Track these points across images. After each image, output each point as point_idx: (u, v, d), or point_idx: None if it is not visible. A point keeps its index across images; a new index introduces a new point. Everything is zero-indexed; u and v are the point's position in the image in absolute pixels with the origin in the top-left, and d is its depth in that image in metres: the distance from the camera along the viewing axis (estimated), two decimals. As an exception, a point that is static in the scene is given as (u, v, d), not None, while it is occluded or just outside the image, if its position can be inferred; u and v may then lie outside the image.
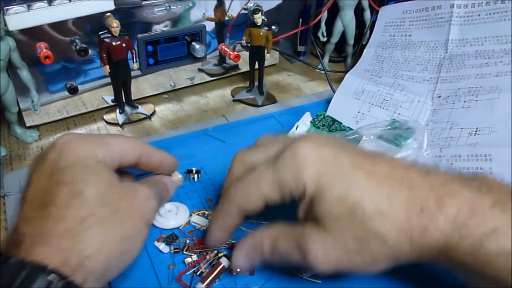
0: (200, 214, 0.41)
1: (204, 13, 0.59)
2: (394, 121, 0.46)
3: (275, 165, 0.30)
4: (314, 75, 0.68)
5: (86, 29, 0.51)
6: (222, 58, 0.64)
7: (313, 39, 0.67)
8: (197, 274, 0.35)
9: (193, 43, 0.58)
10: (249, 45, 0.58)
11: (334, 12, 0.64)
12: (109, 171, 0.31)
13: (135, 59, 0.53)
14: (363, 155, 0.31)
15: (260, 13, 0.55)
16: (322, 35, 0.67)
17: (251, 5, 0.59)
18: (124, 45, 0.50)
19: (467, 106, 0.48)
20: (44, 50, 0.48)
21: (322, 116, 0.52)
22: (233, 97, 0.62)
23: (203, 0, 0.58)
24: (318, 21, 0.65)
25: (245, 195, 0.31)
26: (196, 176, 0.45)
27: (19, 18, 0.46)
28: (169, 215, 0.39)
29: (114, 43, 0.49)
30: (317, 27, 0.67)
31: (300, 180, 0.29)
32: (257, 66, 0.60)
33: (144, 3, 0.53)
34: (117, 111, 0.56)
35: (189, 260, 0.36)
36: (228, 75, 0.66)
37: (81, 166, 0.29)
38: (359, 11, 0.65)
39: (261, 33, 0.56)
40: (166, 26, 0.57)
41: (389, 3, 0.63)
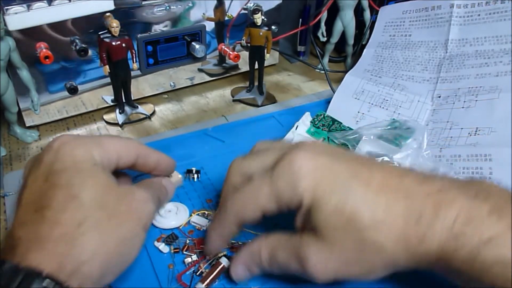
0: (200, 214, 0.41)
1: (204, 13, 0.59)
2: (394, 121, 0.46)
3: (272, 176, 0.30)
4: (314, 75, 0.68)
5: (86, 29, 0.51)
6: (222, 58, 0.64)
7: (313, 39, 0.67)
8: (197, 274, 0.35)
9: (193, 43, 0.58)
10: (249, 45, 0.58)
11: (334, 12, 0.64)
12: (106, 173, 0.30)
13: (135, 59, 0.53)
14: (359, 163, 0.30)
15: (260, 13, 0.55)
16: (322, 35, 0.67)
17: (251, 5, 0.59)
18: (124, 45, 0.50)
19: (467, 106, 0.48)
20: (44, 50, 0.48)
21: (322, 116, 0.52)
22: (233, 97, 0.62)
23: (203, 0, 0.58)
24: (318, 21, 0.65)
25: (242, 206, 0.31)
26: (196, 176, 0.45)
27: (19, 18, 0.46)
28: (169, 215, 0.39)
29: (114, 43, 0.49)
30: (317, 27, 0.67)
31: (296, 191, 0.29)
32: (257, 66, 0.60)
33: (144, 3, 0.53)
34: (117, 111, 0.56)
35: (189, 260, 0.36)
36: (228, 75, 0.66)
37: (77, 169, 0.29)
38: (359, 11, 0.65)
39: (261, 33, 0.56)
40: (166, 26, 0.57)
41: (389, 3, 0.63)
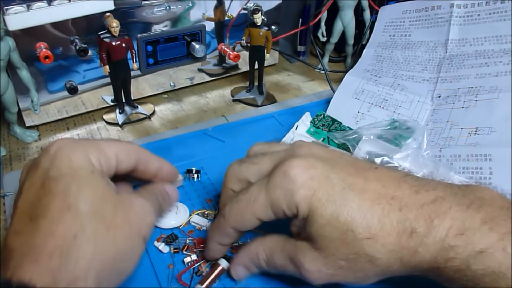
0: (200, 214, 0.41)
1: (203, 13, 0.59)
2: (393, 121, 0.46)
3: (267, 186, 0.30)
4: (314, 75, 0.68)
5: (86, 29, 0.51)
6: (221, 58, 0.64)
7: (312, 39, 0.67)
8: (197, 274, 0.35)
9: (192, 43, 0.58)
10: (248, 45, 0.58)
11: (334, 12, 0.64)
12: (104, 181, 0.29)
13: (134, 59, 0.53)
14: (354, 171, 0.30)
15: (260, 13, 0.55)
16: (322, 35, 0.67)
17: (250, 5, 0.59)
18: (124, 45, 0.50)
19: (467, 106, 0.48)
20: (44, 50, 0.48)
21: (322, 116, 0.52)
22: (233, 97, 0.62)
23: (203, 0, 0.58)
24: (318, 21, 0.65)
25: (239, 216, 0.31)
26: (196, 176, 0.45)
27: (19, 18, 0.46)
28: (169, 215, 0.39)
29: (114, 43, 0.49)
30: (317, 27, 0.67)
31: (292, 201, 0.29)
32: (257, 66, 0.60)
33: (144, 3, 0.53)
34: (117, 111, 0.56)
35: (188, 259, 0.36)
36: (228, 75, 0.66)
37: (74, 176, 0.27)
38: (359, 11, 0.65)
39: (260, 33, 0.56)
40: (166, 26, 0.57)
41: (389, 3, 0.63)
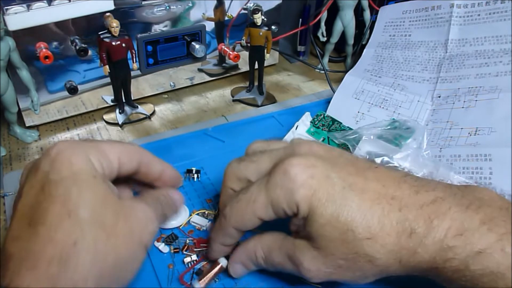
0: (200, 214, 0.41)
1: (203, 13, 0.59)
2: (393, 121, 0.46)
3: (267, 185, 0.30)
4: (314, 75, 0.68)
5: (86, 29, 0.51)
6: (221, 58, 0.64)
7: (312, 39, 0.67)
8: (198, 274, 0.35)
9: (192, 43, 0.58)
10: (248, 45, 0.58)
11: (334, 12, 0.64)
12: (106, 186, 0.28)
13: (134, 59, 0.53)
14: (355, 170, 0.30)
15: (260, 13, 0.55)
16: (322, 35, 0.67)
17: (250, 5, 0.59)
18: (124, 45, 0.50)
19: (467, 106, 0.48)
20: (44, 50, 0.48)
21: (322, 116, 0.52)
22: (233, 97, 0.62)
23: (203, 0, 0.58)
24: (318, 21, 0.65)
25: (240, 216, 0.31)
26: (196, 176, 0.45)
27: (18, 18, 0.46)
28: (169, 215, 0.39)
29: (114, 43, 0.49)
30: (317, 27, 0.67)
31: (292, 201, 0.29)
32: (257, 66, 0.60)
33: (144, 3, 0.53)
34: (117, 111, 0.56)
35: (188, 259, 0.36)
36: (228, 75, 0.66)
37: (74, 181, 0.27)
38: (359, 11, 0.65)
39: (260, 33, 0.56)
40: (166, 26, 0.57)
41: (389, 3, 0.63)
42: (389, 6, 0.62)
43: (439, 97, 0.51)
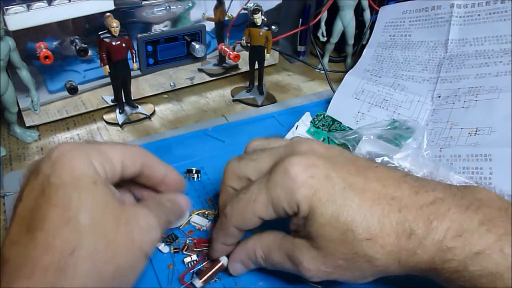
0: (200, 214, 0.41)
1: (203, 13, 0.59)
2: (393, 121, 0.46)
3: (268, 185, 0.30)
4: (314, 75, 0.68)
5: (86, 29, 0.51)
6: (222, 58, 0.64)
7: (313, 39, 0.67)
8: (198, 274, 0.35)
9: (193, 43, 0.58)
10: (249, 45, 0.58)
11: (334, 12, 0.64)
12: (107, 191, 0.28)
13: (135, 59, 0.53)
14: (355, 170, 0.30)
15: (260, 13, 0.55)
16: (322, 35, 0.67)
17: (251, 5, 0.59)
18: (124, 45, 0.50)
19: (467, 106, 0.48)
20: (44, 50, 0.48)
21: (322, 116, 0.52)
22: (233, 97, 0.62)
23: (203, 0, 0.58)
24: (318, 21, 0.65)
25: (241, 216, 0.31)
26: (196, 176, 0.45)
27: (19, 18, 0.46)
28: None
29: (114, 43, 0.49)
30: (317, 27, 0.67)
31: (293, 200, 0.29)
32: (257, 66, 0.60)
33: (144, 3, 0.53)
34: (117, 111, 0.56)
35: (189, 259, 0.36)
36: (228, 75, 0.66)
37: (75, 186, 0.26)
38: (359, 11, 0.65)
39: (260, 33, 0.56)
40: (166, 26, 0.57)
41: (389, 3, 0.63)
42: (389, 6, 0.62)
43: (439, 97, 0.51)
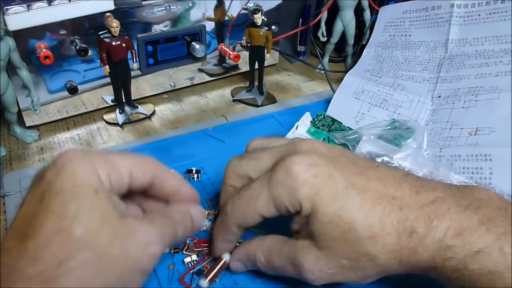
0: (200, 214, 0.41)
1: (204, 13, 0.59)
2: (394, 121, 0.46)
3: (269, 183, 0.30)
4: (314, 75, 0.68)
5: (86, 29, 0.51)
6: (222, 58, 0.64)
7: (313, 39, 0.67)
8: (197, 274, 0.35)
9: (193, 43, 0.58)
10: (249, 45, 0.58)
11: (334, 12, 0.64)
12: (107, 203, 0.27)
13: (135, 59, 0.53)
14: (356, 169, 0.30)
15: (260, 13, 0.55)
16: (322, 35, 0.67)
17: (251, 5, 0.59)
18: (124, 45, 0.50)
19: (467, 106, 0.48)
20: (44, 50, 0.48)
21: (322, 116, 0.52)
22: (233, 97, 0.62)
23: (203, 0, 0.58)
24: (318, 21, 0.65)
25: (242, 213, 0.31)
26: (196, 176, 0.45)
27: (19, 18, 0.46)
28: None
29: (114, 43, 0.49)
30: (317, 27, 0.67)
31: (295, 199, 0.29)
32: (257, 66, 0.60)
33: (144, 3, 0.53)
34: (117, 111, 0.56)
35: (189, 259, 0.36)
36: (228, 75, 0.66)
37: (75, 195, 0.25)
38: (359, 11, 0.65)
39: (261, 33, 0.56)
40: (166, 26, 0.57)
41: (389, 3, 0.63)
42: (389, 6, 0.62)
43: (439, 97, 0.51)
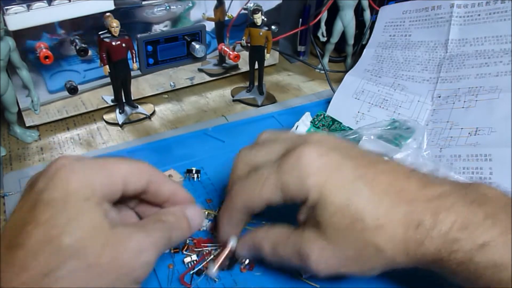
0: (200, 214, 0.41)
1: (204, 13, 0.59)
2: (393, 121, 0.46)
3: (279, 169, 0.30)
4: (314, 75, 0.68)
5: (86, 29, 0.51)
6: (222, 58, 0.64)
7: (313, 39, 0.67)
8: (198, 274, 0.35)
9: (193, 43, 0.58)
10: (249, 45, 0.58)
11: (334, 12, 0.64)
12: (98, 211, 0.26)
13: (135, 59, 0.53)
14: (366, 162, 0.31)
15: (260, 13, 0.55)
16: (322, 35, 0.67)
17: (251, 5, 0.59)
18: (124, 45, 0.50)
19: (467, 106, 0.48)
20: (44, 50, 0.48)
21: (322, 116, 0.52)
22: (233, 97, 0.62)
23: (203, 0, 0.58)
24: (318, 21, 0.65)
25: (248, 195, 0.31)
26: (196, 176, 0.45)
27: (19, 18, 0.46)
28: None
29: (114, 43, 0.49)
30: (317, 27, 0.67)
31: (303, 187, 0.29)
32: (257, 66, 0.60)
33: (144, 3, 0.53)
34: (117, 111, 0.56)
35: (188, 259, 0.36)
36: (228, 75, 0.66)
37: (65, 204, 0.25)
38: (359, 11, 0.65)
39: (260, 33, 0.56)
40: (166, 26, 0.57)
41: (389, 3, 0.63)
42: (389, 6, 0.62)
43: (439, 97, 0.51)
